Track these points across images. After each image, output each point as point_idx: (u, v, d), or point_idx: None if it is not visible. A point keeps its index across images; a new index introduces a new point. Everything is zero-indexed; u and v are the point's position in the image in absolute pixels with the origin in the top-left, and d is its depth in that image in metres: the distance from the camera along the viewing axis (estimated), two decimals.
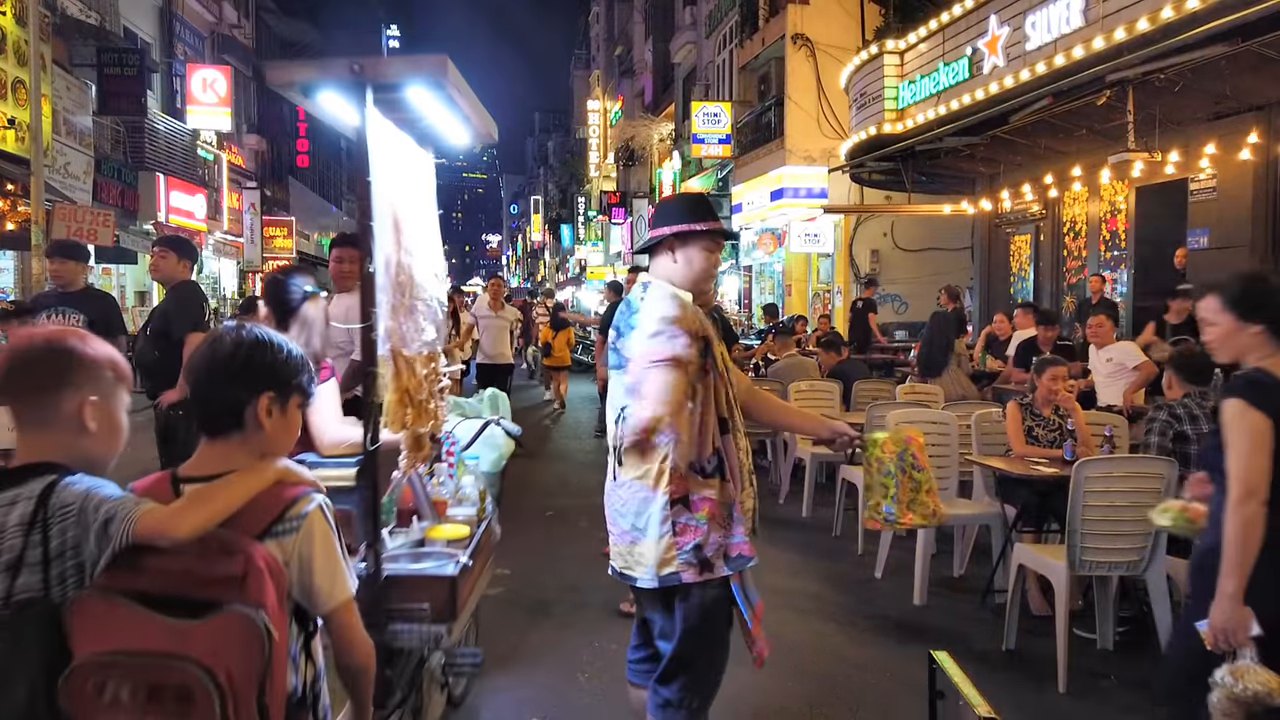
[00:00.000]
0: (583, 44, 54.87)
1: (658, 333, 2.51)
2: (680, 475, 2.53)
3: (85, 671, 1.46)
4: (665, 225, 2.71)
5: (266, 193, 26.07)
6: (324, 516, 1.69)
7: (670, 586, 2.54)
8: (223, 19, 22.40)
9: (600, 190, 40.17)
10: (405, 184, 2.76)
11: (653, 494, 2.53)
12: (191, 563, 1.53)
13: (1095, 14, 8.16)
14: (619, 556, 2.64)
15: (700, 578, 2.52)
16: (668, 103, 28.50)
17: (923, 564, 5.06)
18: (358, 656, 1.76)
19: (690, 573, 2.51)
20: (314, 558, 1.66)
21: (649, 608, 2.68)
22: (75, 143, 14.01)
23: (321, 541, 1.67)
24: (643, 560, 2.55)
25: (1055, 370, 5.17)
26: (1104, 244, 11.71)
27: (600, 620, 4.72)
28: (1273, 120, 8.68)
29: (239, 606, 1.50)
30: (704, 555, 2.52)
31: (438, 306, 2.96)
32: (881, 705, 3.86)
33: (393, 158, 2.64)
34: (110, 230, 12.43)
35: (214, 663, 1.46)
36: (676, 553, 2.51)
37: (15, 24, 11.81)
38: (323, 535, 1.68)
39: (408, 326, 2.70)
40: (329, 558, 1.68)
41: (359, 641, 1.76)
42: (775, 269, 20.66)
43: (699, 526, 2.52)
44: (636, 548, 2.57)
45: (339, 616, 1.72)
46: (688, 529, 2.52)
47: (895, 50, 11.89)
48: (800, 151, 16.62)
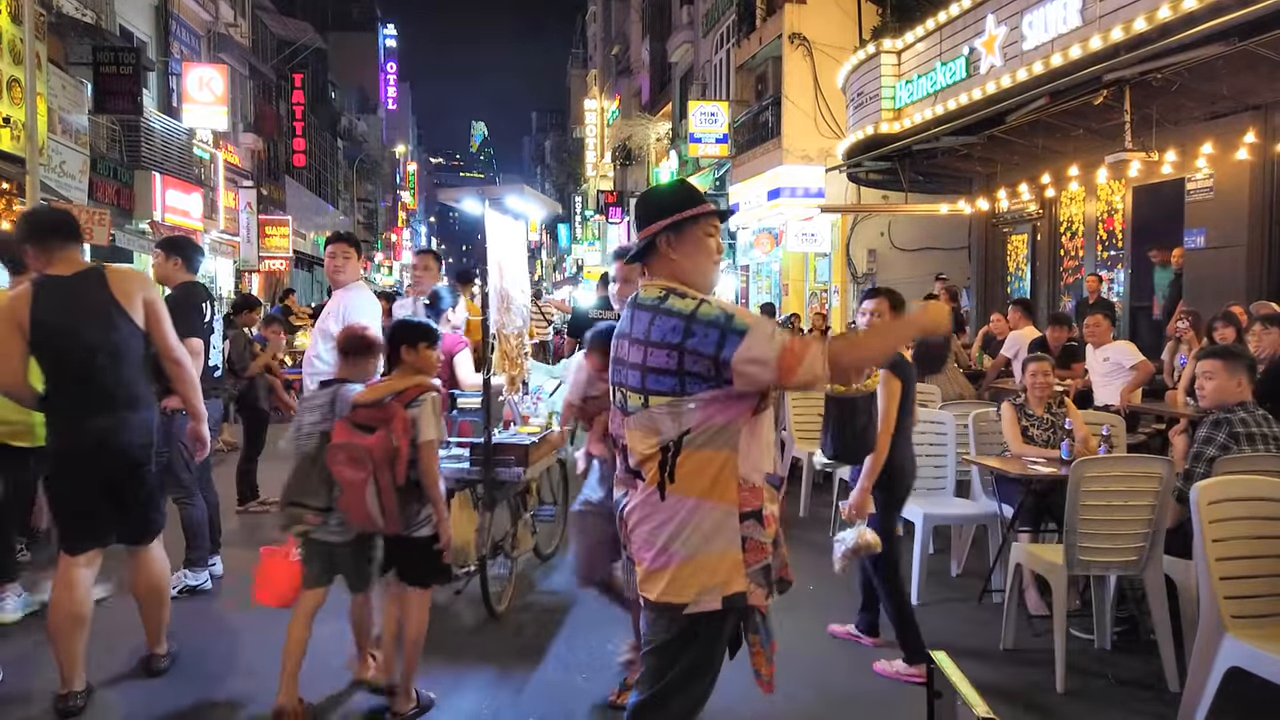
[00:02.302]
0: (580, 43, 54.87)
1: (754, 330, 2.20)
2: (751, 487, 2.28)
3: (334, 449, 3.42)
4: (650, 220, 2.43)
5: (263, 192, 26.05)
6: (433, 402, 3.50)
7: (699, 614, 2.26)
8: (219, 18, 22.35)
9: (597, 190, 40.17)
10: (508, 243, 5.27)
11: (719, 507, 2.26)
12: (374, 413, 3.43)
13: (1092, 14, 8.17)
14: (660, 581, 2.29)
15: (765, 602, 2.32)
16: (665, 102, 28.50)
17: (920, 563, 5.06)
18: (432, 472, 3.48)
19: (757, 595, 2.28)
20: (422, 418, 3.44)
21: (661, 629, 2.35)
22: (71, 141, 13.97)
23: (428, 412, 3.46)
24: (699, 579, 2.25)
25: (1034, 366, 5.22)
26: (1101, 244, 11.72)
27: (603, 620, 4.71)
28: (1269, 120, 8.69)
29: (386, 431, 3.37)
30: (770, 577, 2.33)
31: (524, 310, 5.60)
32: (879, 705, 3.85)
33: (501, 229, 5.10)
34: (106, 229, 12.40)
35: (376, 451, 3.34)
36: (745, 571, 2.27)
37: (10, 22, 11.77)
38: (429, 409, 3.47)
39: (506, 320, 5.07)
40: (429, 420, 3.45)
41: (432, 468, 3.48)
42: (772, 268, 20.68)
43: (768, 545, 2.31)
44: (689, 566, 2.26)
45: (426, 449, 3.45)
46: (759, 546, 2.28)
47: (892, 50, 11.90)
48: (797, 151, 16.63)
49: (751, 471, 2.28)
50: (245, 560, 5.37)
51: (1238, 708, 3.50)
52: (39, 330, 3.53)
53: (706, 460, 2.27)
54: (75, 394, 3.59)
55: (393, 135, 62.59)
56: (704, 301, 2.27)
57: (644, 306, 2.35)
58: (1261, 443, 4.05)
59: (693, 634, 2.29)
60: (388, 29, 58.20)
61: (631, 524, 2.38)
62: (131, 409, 3.68)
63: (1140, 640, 4.42)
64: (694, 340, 2.21)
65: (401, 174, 65.89)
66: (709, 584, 2.25)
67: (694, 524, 2.26)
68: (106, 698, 3.78)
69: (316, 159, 34.55)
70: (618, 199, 33.12)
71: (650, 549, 2.31)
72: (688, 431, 2.26)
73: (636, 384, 2.31)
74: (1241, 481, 3.61)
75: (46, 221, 3.80)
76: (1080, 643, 4.40)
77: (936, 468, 5.55)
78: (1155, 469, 4.04)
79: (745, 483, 2.27)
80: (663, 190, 2.54)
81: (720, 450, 2.26)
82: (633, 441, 2.36)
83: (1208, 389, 4.22)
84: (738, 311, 2.25)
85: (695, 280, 2.39)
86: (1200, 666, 3.39)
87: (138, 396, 3.72)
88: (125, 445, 3.66)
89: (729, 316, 2.20)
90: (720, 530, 2.26)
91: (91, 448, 3.60)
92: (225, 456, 8.70)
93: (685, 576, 2.26)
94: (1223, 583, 3.34)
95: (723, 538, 2.26)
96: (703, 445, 2.26)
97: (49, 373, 3.63)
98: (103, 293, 3.61)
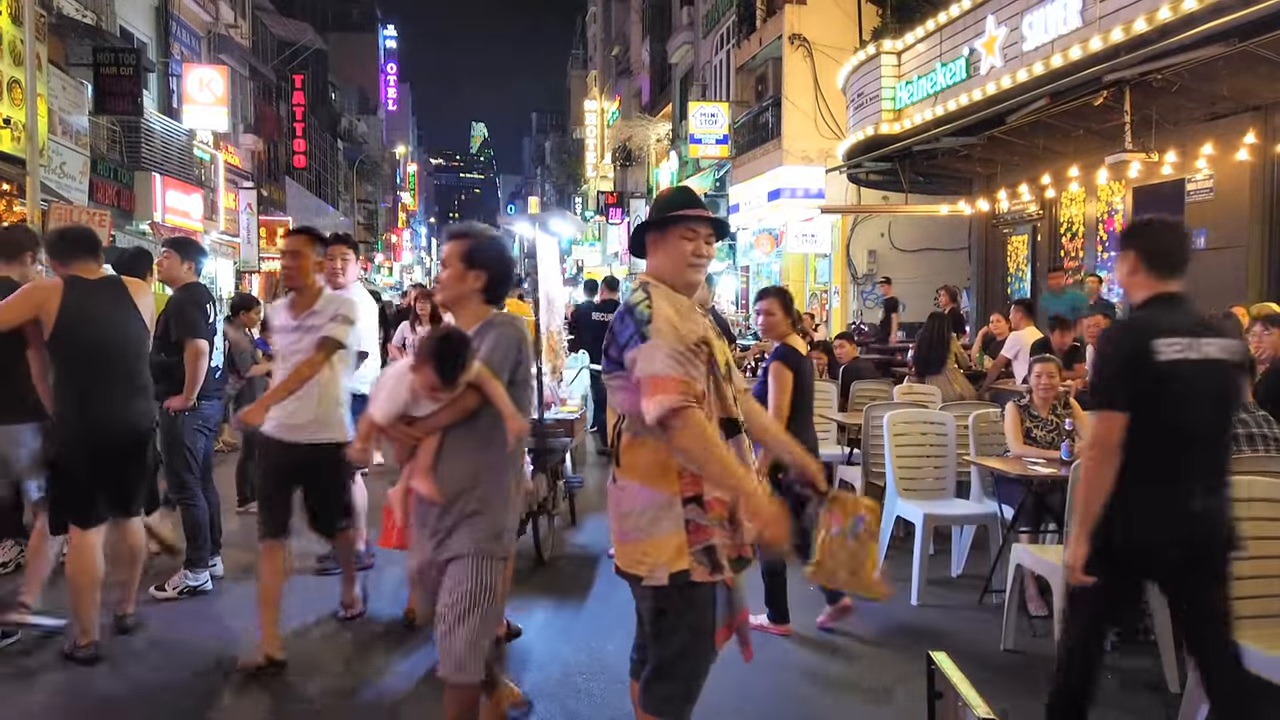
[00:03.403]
0: (580, 44, 54.87)
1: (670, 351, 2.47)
2: (692, 475, 2.51)
3: None
4: (645, 221, 2.75)
5: (263, 193, 26.04)
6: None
7: (669, 586, 2.52)
8: (219, 19, 22.36)
9: (597, 190, 40.15)
10: (548, 255, 6.52)
11: (661, 494, 2.53)
12: None
13: (1092, 14, 8.17)
14: (623, 555, 2.62)
15: (711, 578, 2.53)
16: (665, 103, 28.50)
17: (920, 564, 5.06)
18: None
19: (701, 572, 2.52)
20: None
21: (643, 606, 2.68)
22: (71, 142, 13.96)
23: None
24: (650, 558, 2.53)
25: (1040, 367, 5.24)
26: (1101, 244, 11.73)
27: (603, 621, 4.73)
28: (1270, 120, 8.69)
29: None
30: (715, 557, 2.53)
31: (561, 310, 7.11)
32: (879, 706, 3.85)
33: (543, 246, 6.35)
34: (106, 230, 12.39)
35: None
36: (689, 551, 2.51)
37: (11, 23, 11.77)
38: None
39: (549, 318, 6.21)
40: None
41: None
42: (773, 269, 20.67)
43: (711, 527, 2.53)
44: (643, 545, 2.55)
45: None
46: (701, 529, 2.52)
47: (892, 50, 11.90)
48: (797, 152, 16.62)
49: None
50: (245, 560, 5.38)
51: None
52: (66, 317, 4.01)
53: (642, 447, 2.53)
54: (96, 378, 4.05)
55: (393, 136, 62.63)
56: (651, 301, 2.53)
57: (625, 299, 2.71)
58: (1261, 444, 4.06)
59: (663, 606, 2.56)
60: (388, 30, 58.23)
61: (609, 499, 2.71)
62: (142, 394, 4.29)
63: (1141, 640, 4.42)
64: (618, 327, 2.56)
65: (402, 175, 65.93)
66: (657, 562, 2.52)
67: (640, 508, 2.54)
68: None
69: (317, 160, 34.56)
70: (618, 200, 33.11)
71: (616, 524, 2.65)
72: (623, 417, 2.60)
73: (603, 365, 2.68)
74: (1241, 482, 3.61)
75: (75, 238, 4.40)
76: None
77: (937, 468, 5.55)
78: None
79: (685, 470, 2.50)
80: (662, 194, 2.82)
81: (654, 439, 2.50)
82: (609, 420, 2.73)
83: None
84: (666, 324, 2.47)
85: (671, 278, 2.64)
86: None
87: (145, 384, 4.34)
88: (135, 424, 4.21)
89: (649, 321, 2.48)
90: (664, 515, 2.51)
91: (108, 425, 4.09)
92: (225, 456, 8.70)
93: (639, 554, 2.55)
94: None
95: (667, 521, 2.51)
96: (638, 433, 2.54)
97: (70, 358, 4.07)
98: (124, 296, 4.26)
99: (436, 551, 2.87)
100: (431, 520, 2.88)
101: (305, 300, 4.15)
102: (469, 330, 2.92)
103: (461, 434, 2.86)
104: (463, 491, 2.84)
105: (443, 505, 2.84)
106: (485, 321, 2.95)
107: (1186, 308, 2.94)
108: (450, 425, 2.85)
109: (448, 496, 2.83)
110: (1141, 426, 2.83)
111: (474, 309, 2.97)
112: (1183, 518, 2.80)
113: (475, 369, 2.80)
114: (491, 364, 2.84)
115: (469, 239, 2.96)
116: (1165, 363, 2.80)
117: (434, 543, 2.87)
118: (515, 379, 2.91)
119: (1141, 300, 2.97)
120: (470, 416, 2.85)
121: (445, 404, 2.83)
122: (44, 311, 4.00)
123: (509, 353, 2.89)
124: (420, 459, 2.87)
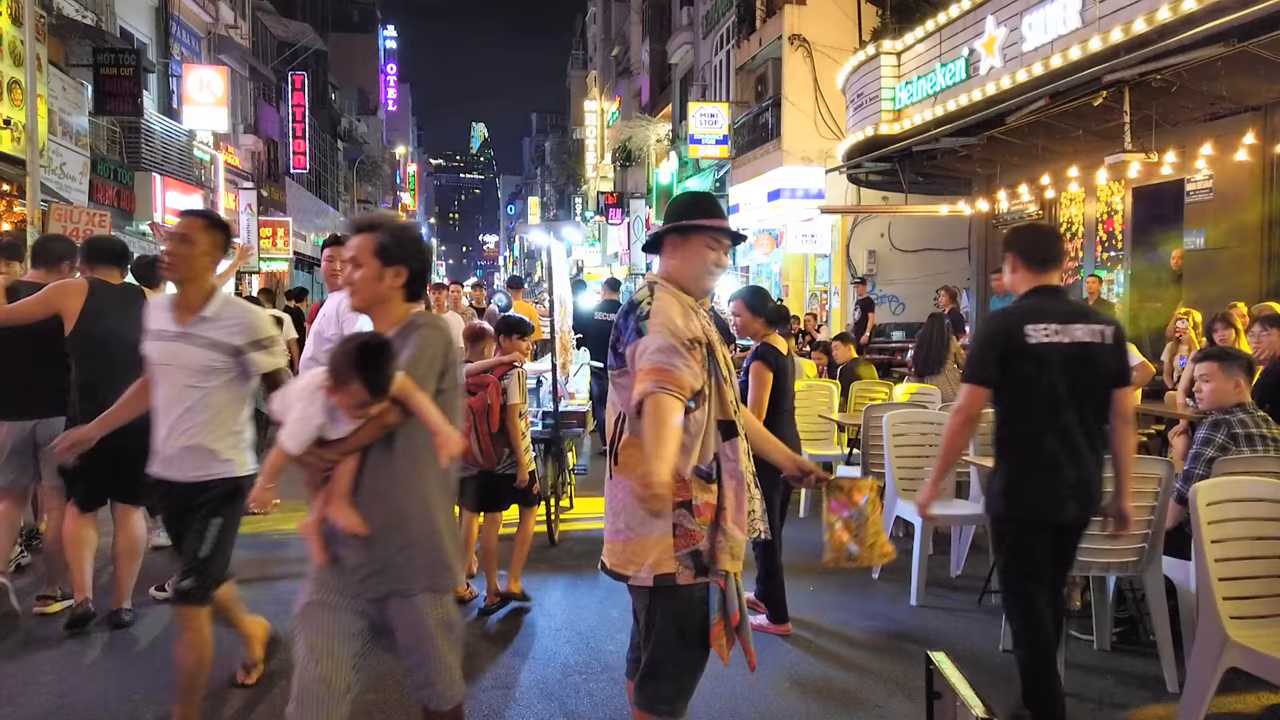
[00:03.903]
0: (580, 44, 54.88)
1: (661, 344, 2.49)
2: (683, 479, 2.53)
3: None
4: (669, 223, 2.74)
5: (263, 193, 26.02)
6: (519, 376, 4.88)
7: (659, 587, 2.55)
8: (219, 19, 22.36)
9: (597, 191, 40.16)
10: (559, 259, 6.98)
11: None
12: (476, 380, 4.68)
13: (1092, 15, 8.17)
14: (612, 554, 2.64)
15: (694, 580, 2.55)
16: (665, 103, 28.51)
17: (920, 565, 5.06)
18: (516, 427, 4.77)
19: (685, 575, 2.54)
20: (510, 387, 4.76)
21: (637, 606, 2.71)
22: (71, 143, 13.96)
23: (514, 383, 4.80)
24: (637, 559, 2.56)
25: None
26: (1100, 245, 11.73)
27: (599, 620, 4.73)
28: (1269, 121, 8.69)
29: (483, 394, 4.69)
30: (701, 561, 2.55)
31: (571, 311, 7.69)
32: (878, 706, 3.85)
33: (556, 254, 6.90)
34: (106, 231, 12.38)
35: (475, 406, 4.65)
36: (675, 554, 2.53)
37: (11, 23, 11.77)
38: (516, 381, 4.80)
39: (562, 318, 6.65)
40: (515, 389, 4.78)
41: (515, 423, 4.77)
42: (772, 269, 20.68)
43: (699, 531, 2.55)
44: (631, 545, 2.58)
45: (510, 410, 4.75)
46: (689, 533, 2.54)
47: (892, 51, 11.90)
48: (797, 152, 16.63)
49: (683, 465, 2.52)
50: (245, 560, 5.38)
51: (1237, 709, 3.51)
52: (89, 317, 4.37)
53: (640, 446, 2.48)
54: (109, 374, 4.16)
55: (393, 136, 62.60)
56: (654, 299, 2.59)
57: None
58: (1260, 444, 4.06)
59: (653, 605, 2.61)
60: (387, 30, 58.19)
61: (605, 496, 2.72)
62: None
63: (1140, 641, 4.42)
64: (622, 324, 2.62)
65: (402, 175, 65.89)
66: (643, 562, 2.56)
67: (631, 507, 2.54)
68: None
69: (317, 160, 34.53)
70: (618, 200, 33.12)
71: (609, 522, 2.67)
72: (624, 416, 2.60)
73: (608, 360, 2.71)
74: (1240, 482, 3.61)
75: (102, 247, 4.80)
76: (1080, 644, 4.41)
77: None
78: (1154, 470, 4.04)
79: (677, 474, 2.48)
80: (685, 197, 2.83)
81: None
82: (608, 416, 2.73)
83: (1205, 391, 4.23)
84: (663, 320, 2.53)
85: (686, 282, 2.67)
86: (1200, 667, 3.39)
87: None
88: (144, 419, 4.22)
89: (649, 317, 2.54)
90: (654, 517, 2.48)
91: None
92: None
93: (628, 553, 2.59)
94: (1222, 584, 3.34)
95: (657, 524, 2.53)
96: (637, 431, 2.53)
97: (86, 354, 4.41)
98: (140, 302, 4.34)
99: (364, 587, 2.51)
100: (354, 554, 2.51)
101: (192, 300, 3.31)
102: (388, 334, 2.56)
103: (383, 454, 2.51)
104: (391, 520, 2.50)
105: (367, 537, 2.47)
106: (407, 323, 2.59)
107: (1060, 297, 3.36)
108: (369, 445, 2.51)
109: (373, 527, 2.47)
110: (1018, 399, 3.23)
111: (394, 309, 2.61)
112: (1056, 479, 3.03)
113: (398, 379, 2.45)
114: (416, 372, 2.48)
115: (382, 231, 2.59)
116: (1035, 345, 3.19)
117: (360, 577, 2.51)
118: (443, 387, 2.55)
119: (1023, 293, 3.36)
120: (390, 434, 2.50)
121: (365, 422, 2.47)
122: (65, 310, 4.37)
123: (435, 358, 2.53)
124: (337, 485, 2.49)
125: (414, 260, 2.61)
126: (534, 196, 74.57)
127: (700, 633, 2.60)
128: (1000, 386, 3.23)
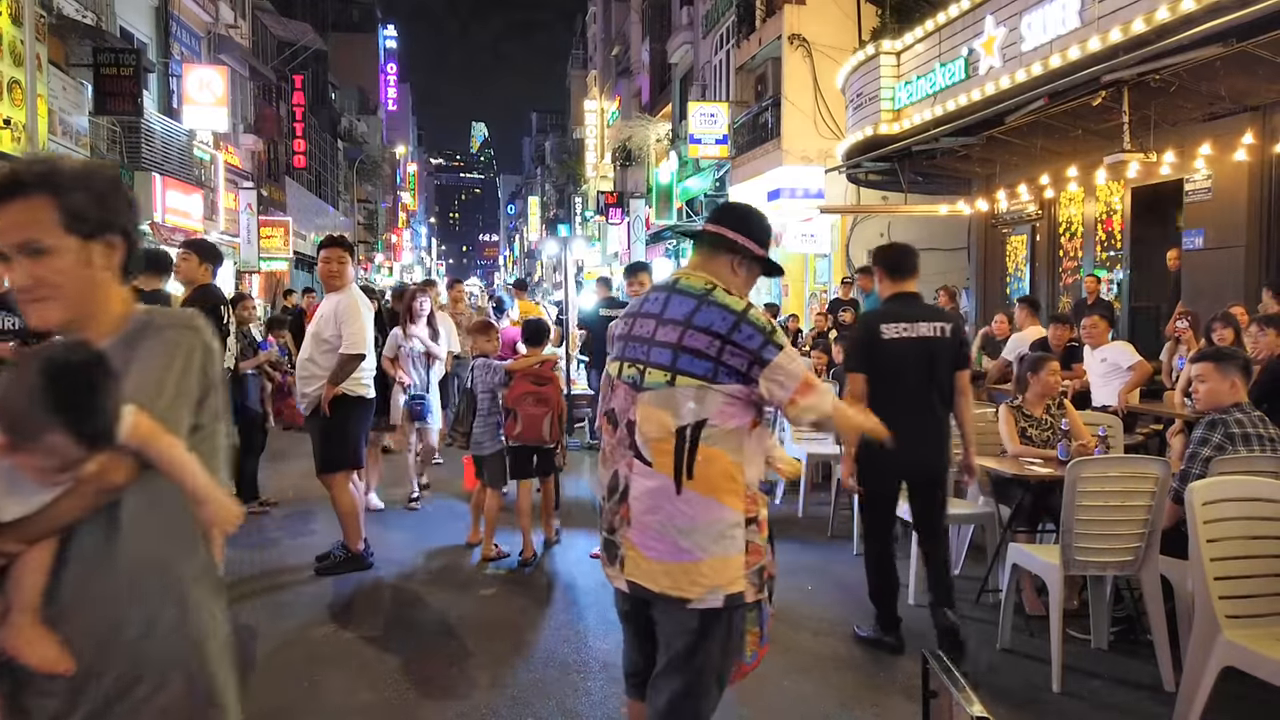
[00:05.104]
0: (580, 44, 54.87)
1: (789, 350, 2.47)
2: (752, 494, 2.46)
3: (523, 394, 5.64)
4: (749, 237, 2.62)
5: (263, 193, 26.03)
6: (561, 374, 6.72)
7: (715, 609, 2.43)
8: (219, 19, 22.36)
9: (597, 190, 40.15)
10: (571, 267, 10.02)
11: (731, 511, 2.42)
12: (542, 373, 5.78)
13: (1091, 15, 8.18)
14: (666, 575, 2.42)
15: (758, 597, 2.49)
16: (665, 103, 28.51)
17: (917, 564, 5.07)
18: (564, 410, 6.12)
19: (752, 592, 2.47)
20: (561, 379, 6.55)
21: (676, 627, 2.49)
22: (71, 143, 13.97)
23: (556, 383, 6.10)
24: (705, 579, 2.40)
25: (1048, 365, 5.24)
26: (1099, 245, 11.74)
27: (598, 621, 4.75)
28: (1267, 121, 8.70)
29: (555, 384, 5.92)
30: (762, 577, 2.50)
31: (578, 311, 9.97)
32: (875, 705, 3.87)
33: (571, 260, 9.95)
34: None
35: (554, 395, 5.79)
36: (745, 572, 2.44)
37: (11, 23, 11.78)
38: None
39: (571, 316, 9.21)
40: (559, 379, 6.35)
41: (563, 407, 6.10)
42: None
43: (763, 546, 2.49)
44: (699, 566, 2.40)
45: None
46: (757, 549, 2.46)
47: (892, 51, 11.91)
48: (797, 152, 16.63)
49: (753, 478, 2.46)
50: (246, 560, 5.40)
51: (1233, 708, 3.52)
52: None
53: (720, 459, 2.39)
54: None
55: (393, 136, 62.61)
56: (752, 306, 2.49)
57: (685, 292, 2.51)
58: (1257, 443, 4.06)
59: (709, 628, 2.44)
60: (388, 30, 58.23)
61: (638, 509, 2.45)
62: None
63: (1136, 640, 4.43)
64: (740, 336, 2.40)
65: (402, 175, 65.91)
66: (716, 583, 2.40)
67: (708, 525, 2.39)
68: None
69: (317, 160, 34.54)
70: (618, 200, 33.12)
71: (661, 541, 2.42)
72: (704, 422, 2.39)
73: (665, 361, 2.44)
74: (1237, 482, 3.63)
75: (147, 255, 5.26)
76: (1077, 643, 4.41)
77: None
78: (1151, 470, 4.05)
79: (749, 489, 2.43)
80: (765, 222, 2.73)
81: (730, 452, 2.41)
82: (644, 419, 2.45)
83: (1201, 391, 4.24)
84: (777, 329, 2.48)
85: (738, 292, 2.60)
86: (1195, 666, 3.41)
87: None
88: None
89: (773, 329, 2.44)
90: (733, 534, 2.41)
91: None
92: None
93: (695, 574, 2.40)
94: (1218, 583, 3.35)
95: (734, 541, 2.41)
96: (716, 442, 2.39)
97: None
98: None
99: None
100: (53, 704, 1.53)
101: None
102: (102, 343, 1.56)
103: (101, 536, 1.53)
104: (114, 643, 1.54)
105: (74, 676, 1.51)
106: (135, 325, 1.63)
107: (914, 301, 4.37)
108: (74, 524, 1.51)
109: (83, 660, 1.52)
110: (876, 383, 4.16)
111: (108, 305, 1.64)
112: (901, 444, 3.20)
113: (125, 413, 1.47)
114: (157, 405, 1.52)
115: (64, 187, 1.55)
116: (887, 340, 4.19)
117: None
118: (201, 421, 1.63)
119: (885, 298, 4.39)
120: (112, 504, 1.53)
121: (68, 488, 1.47)
122: None
123: (186, 377, 1.59)
124: (21, 594, 1.49)
125: (126, 220, 1.65)
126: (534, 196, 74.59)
127: (740, 646, 2.54)
128: (868, 373, 4.18)
